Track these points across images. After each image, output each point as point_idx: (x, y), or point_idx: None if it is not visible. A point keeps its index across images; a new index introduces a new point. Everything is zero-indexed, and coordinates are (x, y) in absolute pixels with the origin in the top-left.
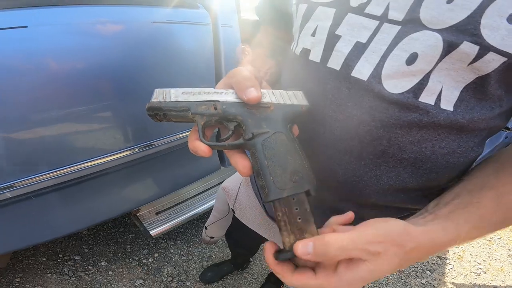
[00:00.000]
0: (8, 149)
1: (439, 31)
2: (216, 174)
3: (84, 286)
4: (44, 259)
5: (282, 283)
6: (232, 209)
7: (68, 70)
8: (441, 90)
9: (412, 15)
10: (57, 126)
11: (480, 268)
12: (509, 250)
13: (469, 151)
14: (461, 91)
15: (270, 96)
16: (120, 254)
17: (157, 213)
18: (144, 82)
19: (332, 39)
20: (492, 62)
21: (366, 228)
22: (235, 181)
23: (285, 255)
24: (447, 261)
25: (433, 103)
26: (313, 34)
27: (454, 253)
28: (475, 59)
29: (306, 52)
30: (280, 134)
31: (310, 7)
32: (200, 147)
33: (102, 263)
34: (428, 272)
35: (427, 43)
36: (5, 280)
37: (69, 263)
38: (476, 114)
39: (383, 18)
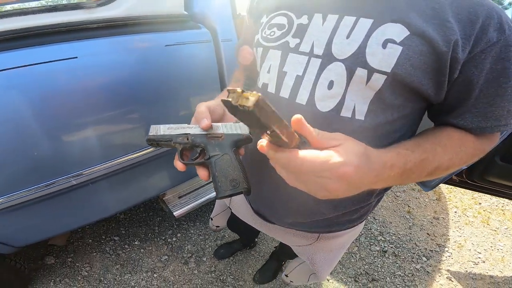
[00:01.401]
0: (73, 146)
1: (343, 61)
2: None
3: (121, 262)
4: (90, 240)
5: (284, 260)
6: (229, 207)
7: (112, 82)
8: (354, 106)
9: (327, 50)
10: (105, 127)
11: (479, 258)
12: None
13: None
14: (369, 105)
15: (222, 129)
16: (150, 234)
17: (179, 197)
18: (164, 92)
19: (281, 75)
20: (379, 80)
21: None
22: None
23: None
24: (446, 249)
25: (350, 116)
26: (268, 72)
27: (455, 242)
28: (368, 80)
29: (265, 85)
30: (226, 155)
31: (264, 50)
32: (177, 165)
33: (136, 242)
34: (424, 258)
35: (337, 72)
36: (59, 261)
37: (110, 243)
38: (380, 120)
39: (310, 54)
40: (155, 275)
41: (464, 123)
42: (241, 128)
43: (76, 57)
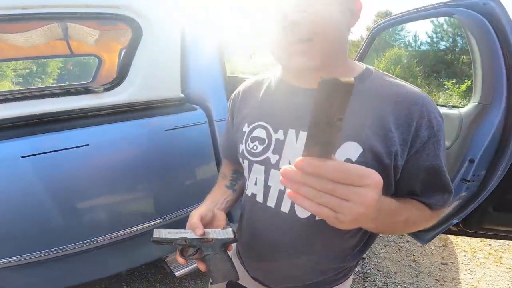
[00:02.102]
0: (85, 217)
1: None
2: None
3: None
4: None
5: None
6: None
7: (119, 165)
8: None
9: None
10: (114, 202)
11: None
12: None
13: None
14: None
15: (212, 234)
16: None
17: None
18: (164, 173)
19: (267, 189)
20: None
21: None
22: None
23: None
24: None
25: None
26: (255, 184)
27: (467, 284)
28: None
29: (254, 195)
30: (217, 254)
31: (250, 164)
32: (179, 260)
33: None
34: None
35: None
36: None
37: None
38: None
39: None
40: None
41: (427, 201)
42: (227, 233)
43: (88, 145)
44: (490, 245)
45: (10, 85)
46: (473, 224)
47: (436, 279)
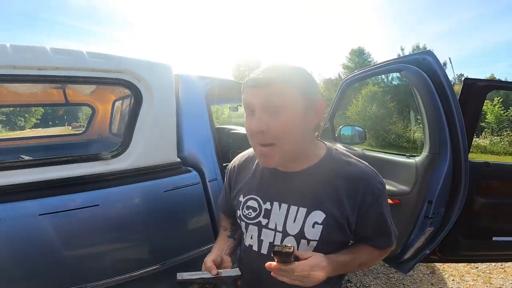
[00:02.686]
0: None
1: (293, 235)
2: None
3: None
4: None
5: None
6: None
7: (125, 223)
8: None
9: (284, 228)
10: (120, 251)
11: None
12: None
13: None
14: None
15: (224, 273)
16: None
17: None
18: (164, 230)
19: (260, 241)
20: (312, 244)
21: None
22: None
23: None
24: None
25: None
26: (251, 238)
27: None
28: (307, 244)
29: (250, 246)
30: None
31: (246, 224)
32: None
33: None
34: None
35: (290, 241)
36: None
37: None
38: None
39: (275, 230)
40: None
41: (375, 244)
42: (235, 272)
43: (98, 205)
44: (477, 267)
45: None
46: (449, 252)
47: None
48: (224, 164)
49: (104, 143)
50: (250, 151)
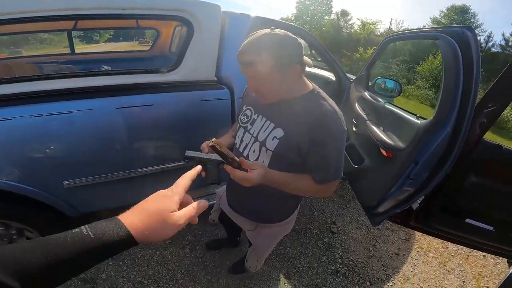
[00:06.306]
0: (141, 154)
1: (260, 142)
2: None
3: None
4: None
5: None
6: (219, 203)
7: (172, 119)
8: (263, 161)
9: (256, 135)
10: (163, 145)
11: None
12: (463, 282)
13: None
14: (269, 161)
15: (213, 156)
16: None
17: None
18: (197, 131)
19: (241, 142)
20: (269, 153)
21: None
22: (221, 190)
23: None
24: (392, 279)
25: None
26: (238, 137)
27: (404, 275)
28: (266, 152)
29: (236, 144)
30: (213, 167)
31: (239, 127)
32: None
33: None
34: (368, 283)
35: (257, 146)
36: None
37: None
38: (273, 167)
39: (252, 136)
40: (157, 252)
41: (314, 177)
42: (219, 157)
43: (153, 104)
44: (447, 247)
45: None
46: (421, 220)
47: (382, 265)
48: None
49: (164, 59)
50: None
